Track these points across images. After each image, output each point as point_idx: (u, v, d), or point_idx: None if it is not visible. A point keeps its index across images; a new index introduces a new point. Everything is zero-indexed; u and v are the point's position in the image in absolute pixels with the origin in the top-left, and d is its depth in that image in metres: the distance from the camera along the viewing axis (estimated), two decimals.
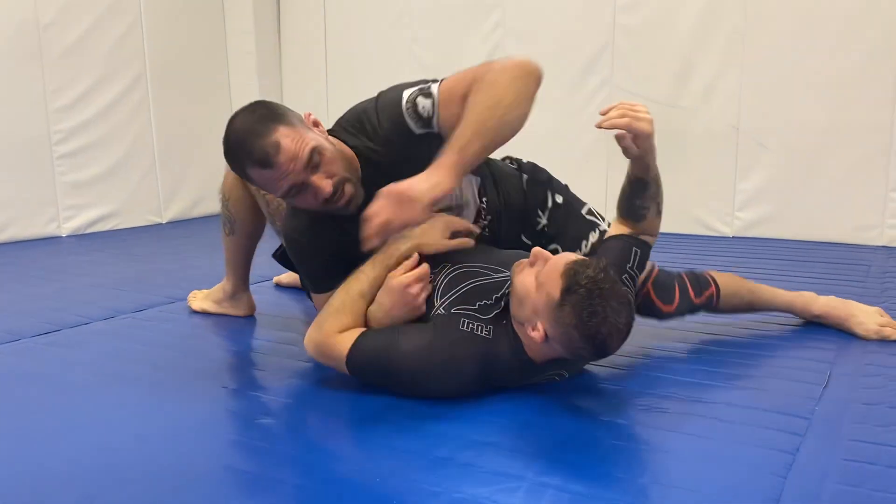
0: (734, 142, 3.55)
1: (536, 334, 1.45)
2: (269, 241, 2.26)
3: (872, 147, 3.26)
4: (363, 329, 1.61)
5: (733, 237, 3.62)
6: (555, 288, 1.41)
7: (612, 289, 1.40)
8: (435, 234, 1.69)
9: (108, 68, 4.11)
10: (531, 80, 1.58)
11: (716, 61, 3.54)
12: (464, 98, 1.58)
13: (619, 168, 1.83)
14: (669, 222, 2.29)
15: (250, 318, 2.29)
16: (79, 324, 2.22)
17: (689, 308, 1.93)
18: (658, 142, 3.90)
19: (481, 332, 1.54)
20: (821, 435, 1.39)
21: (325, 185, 1.55)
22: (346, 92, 4.61)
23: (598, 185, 3.80)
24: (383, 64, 4.37)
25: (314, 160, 1.54)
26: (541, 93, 1.61)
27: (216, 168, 2.05)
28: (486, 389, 1.59)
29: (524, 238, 1.91)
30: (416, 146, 1.63)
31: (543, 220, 1.93)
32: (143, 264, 3.18)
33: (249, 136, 1.52)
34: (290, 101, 4.80)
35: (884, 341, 1.91)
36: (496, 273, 1.64)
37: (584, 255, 1.80)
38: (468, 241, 1.72)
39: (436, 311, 1.61)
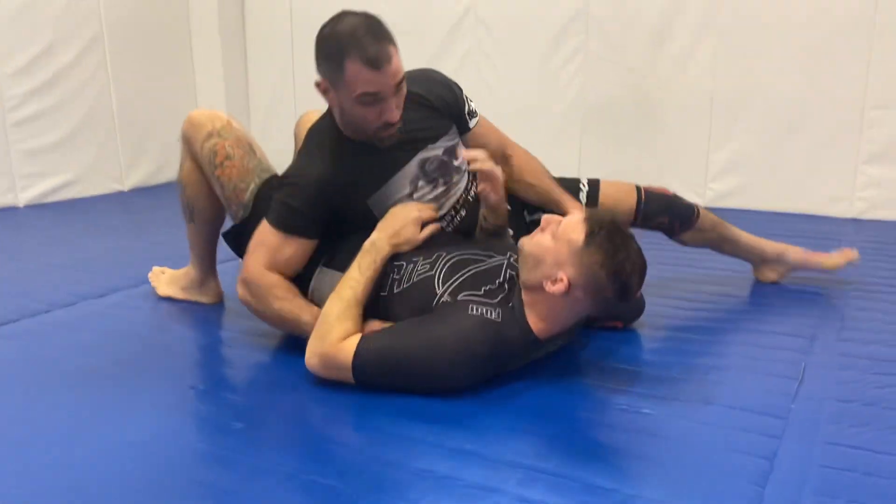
0: (708, 112, 3.52)
1: (558, 286, 1.50)
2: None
3: (845, 119, 3.26)
4: (361, 334, 1.59)
5: (705, 207, 3.60)
6: (578, 233, 1.51)
7: (629, 233, 1.55)
8: (409, 231, 1.74)
9: (62, 30, 3.92)
10: None
11: (691, 30, 3.49)
12: (501, 139, 2.01)
13: (594, 135, 1.90)
14: None
15: (218, 305, 2.22)
16: (38, 312, 2.14)
17: (668, 208, 2.16)
18: (632, 111, 3.91)
19: (491, 315, 1.55)
20: (798, 437, 1.39)
21: (396, 111, 1.67)
22: (311, 47, 4.48)
23: (572, 153, 3.77)
24: None
25: (401, 85, 1.66)
26: (513, 59, 1.89)
27: (179, 132, 1.96)
28: (487, 379, 1.59)
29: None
30: (444, 120, 1.86)
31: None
32: (106, 240, 3.08)
33: (368, 35, 1.59)
34: (255, 52, 4.66)
35: (858, 329, 1.93)
36: (490, 258, 1.70)
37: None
38: (437, 227, 1.80)
39: (440, 298, 1.60)
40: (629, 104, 3.67)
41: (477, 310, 1.55)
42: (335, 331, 1.58)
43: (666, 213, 2.20)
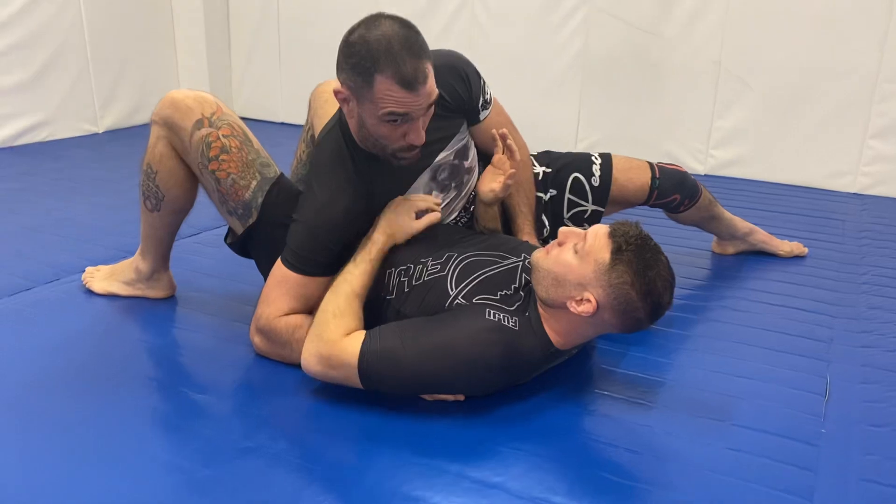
0: (714, 77, 3.40)
1: (586, 307, 1.42)
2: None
3: (855, 92, 3.16)
4: (365, 331, 1.47)
5: (706, 175, 3.53)
6: (603, 251, 1.41)
7: (656, 245, 1.43)
8: (403, 220, 1.64)
9: None
10: None
11: None
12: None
13: (595, 93, 1.83)
14: (638, 154, 2.21)
15: (171, 299, 2.00)
16: None
17: (680, 185, 2.13)
18: (635, 71, 3.79)
19: (508, 322, 1.46)
20: (833, 473, 1.34)
21: (422, 133, 1.53)
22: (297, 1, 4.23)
23: (571, 108, 3.64)
24: None
25: (432, 105, 1.52)
26: (513, 11, 1.76)
27: (158, 69, 1.75)
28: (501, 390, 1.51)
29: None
30: (456, 118, 1.74)
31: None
32: (76, 197, 2.91)
33: (406, 50, 1.43)
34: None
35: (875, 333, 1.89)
36: (504, 260, 1.60)
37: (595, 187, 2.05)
38: (436, 216, 1.66)
39: (453, 300, 1.51)
40: (632, 63, 3.52)
41: (494, 315, 1.46)
42: (332, 328, 1.48)
43: (678, 191, 2.13)
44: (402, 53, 1.42)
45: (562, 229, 1.51)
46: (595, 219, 2.08)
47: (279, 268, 1.65)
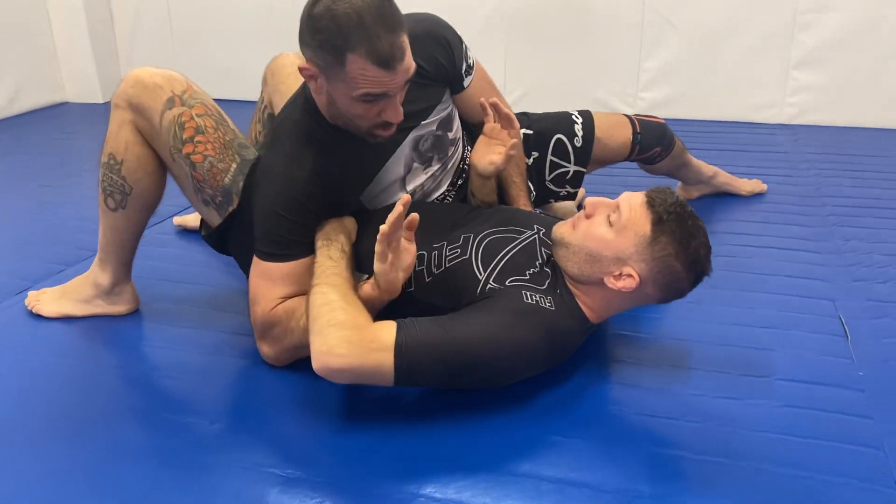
0: (639, 19, 3.37)
1: (627, 282, 1.35)
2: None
3: (776, 25, 3.21)
4: (393, 321, 1.31)
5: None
6: (643, 223, 1.34)
7: (692, 211, 1.38)
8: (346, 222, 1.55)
9: None
10: None
11: None
12: (491, 96, 1.67)
13: (519, 43, 1.82)
14: (567, 103, 2.16)
15: (135, 314, 1.77)
16: None
17: (661, 138, 2.10)
18: (560, 17, 3.70)
19: (545, 303, 1.36)
20: (890, 419, 1.33)
21: (400, 110, 1.41)
22: None
23: (496, 60, 3.52)
24: None
25: (409, 81, 1.40)
26: None
27: (44, 49, 1.50)
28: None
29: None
30: (438, 87, 1.62)
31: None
32: None
33: (380, 24, 1.29)
34: None
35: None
36: (520, 235, 1.50)
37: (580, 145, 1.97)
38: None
39: (484, 284, 1.39)
40: (556, 10, 3.44)
41: (531, 297, 1.37)
42: (354, 314, 1.30)
43: (659, 143, 2.09)
44: (377, 28, 1.28)
45: (588, 199, 1.42)
46: (577, 179, 2.01)
47: (257, 264, 1.50)
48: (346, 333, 1.25)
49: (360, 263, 1.50)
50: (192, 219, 2.25)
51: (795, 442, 1.28)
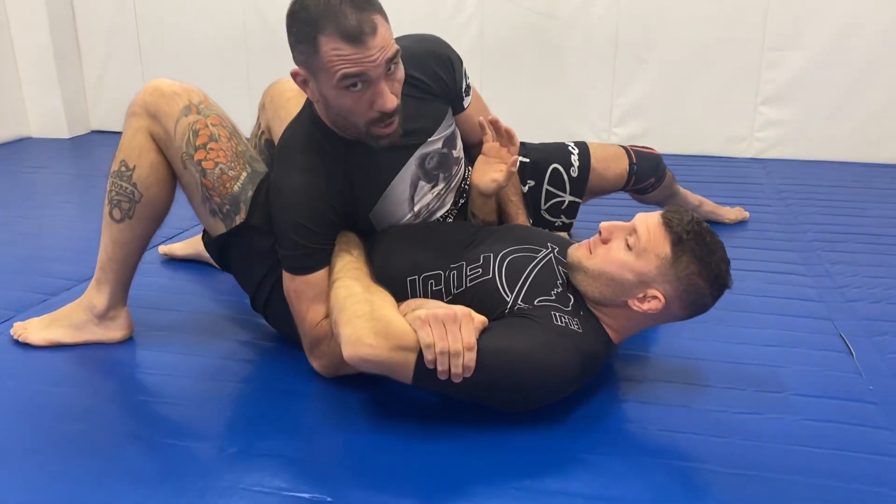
0: (612, 55, 3.45)
1: (652, 304, 1.36)
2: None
3: (744, 62, 3.32)
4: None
5: None
6: (663, 244, 1.34)
7: (708, 227, 1.38)
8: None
9: None
10: None
11: None
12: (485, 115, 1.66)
13: (494, 79, 2.06)
14: (542, 137, 2.18)
15: (128, 342, 1.70)
16: None
17: (655, 168, 2.12)
18: (534, 53, 3.77)
19: (573, 325, 1.36)
20: None
21: (391, 97, 1.37)
22: None
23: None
24: None
25: (394, 62, 1.36)
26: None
27: (5, 78, 1.47)
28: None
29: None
30: (440, 104, 1.62)
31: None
32: None
33: (345, 4, 1.30)
34: None
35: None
36: (536, 252, 1.49)
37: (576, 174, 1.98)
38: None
39: (513, 305, 1.38)
40: (530, 46, 3.51)
41: (560, 319, 1.36)
42: (380, 304, 1.31)
43: (653, 174, 2.12)
44: (343, 7, 1.30)
45: (604, 224, 1.42)
46: (572, 210, 2.02)
47: (289, 282, 1.49)
48: (375, 324, 1.26)
49: None
50: (179, 248, 2.19)
51: (821, 454, 1.29)
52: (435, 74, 1.60)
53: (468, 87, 1.70)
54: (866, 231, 2.39)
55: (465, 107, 1.69)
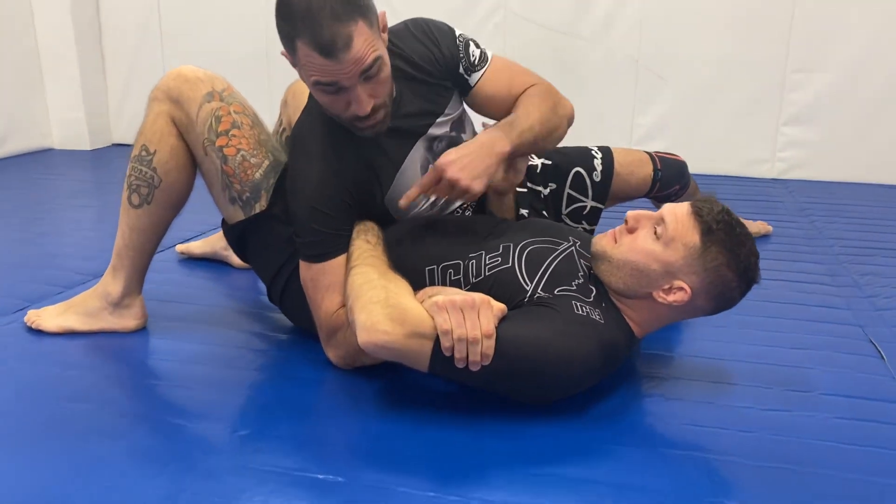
0: (633, 75, 3.45)
1: (678, 296, 1.32)
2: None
3: (766, 81, 3.30)
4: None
5: None
6: (691, 234, 1.30)
7: (739, 219, 1.35)
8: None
9: None
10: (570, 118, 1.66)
11: None
12: (512, 85, 1.59)
13: None
14: None
15: (141, 332, 1.68)
16: None
17: (680, 175, 2.04)
18: (555, 72, 3.78)
19: (594, 316, 1.31)
20: None
21: (364, 102, 1.35)
22: None
23: None
24: None
25: (371, 71, 1.33)
26: (428, 12, 1.67)
27: (30, 89, 1.47)
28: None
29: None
30: (443, 86, 1.56)
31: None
32: None
33: (324, 12, 1.26)
34: None
35: None
36: (558, 245, 1.45)
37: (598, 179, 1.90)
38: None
39: (532, 294, 1.34)
40: (552, 65, 3.50)
41: (581, 309, 1.32)
42: (396, 291, 1.27)
43: (678, 181, 2.08)
44: (321, 15, 1.27)
45: (631, 213, 1.39)
46: (594, 215, 1.98)
47: (306, 270, 1.47)
48: (391, 311, 1.22)
49: None
50: (196, 246, 2.18)
51: (855, 450, 1.24)
52: (426, 54, 1.55)
53: (473, 63, 1.59)
54: (893, 246, 2.34)
55: (472, 84, 1.59)
